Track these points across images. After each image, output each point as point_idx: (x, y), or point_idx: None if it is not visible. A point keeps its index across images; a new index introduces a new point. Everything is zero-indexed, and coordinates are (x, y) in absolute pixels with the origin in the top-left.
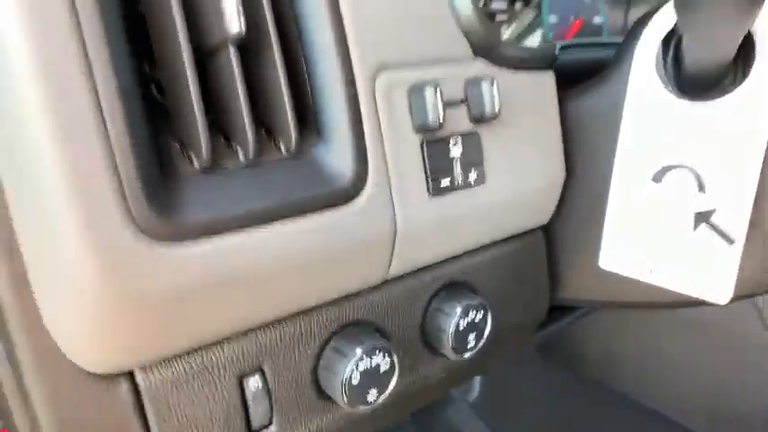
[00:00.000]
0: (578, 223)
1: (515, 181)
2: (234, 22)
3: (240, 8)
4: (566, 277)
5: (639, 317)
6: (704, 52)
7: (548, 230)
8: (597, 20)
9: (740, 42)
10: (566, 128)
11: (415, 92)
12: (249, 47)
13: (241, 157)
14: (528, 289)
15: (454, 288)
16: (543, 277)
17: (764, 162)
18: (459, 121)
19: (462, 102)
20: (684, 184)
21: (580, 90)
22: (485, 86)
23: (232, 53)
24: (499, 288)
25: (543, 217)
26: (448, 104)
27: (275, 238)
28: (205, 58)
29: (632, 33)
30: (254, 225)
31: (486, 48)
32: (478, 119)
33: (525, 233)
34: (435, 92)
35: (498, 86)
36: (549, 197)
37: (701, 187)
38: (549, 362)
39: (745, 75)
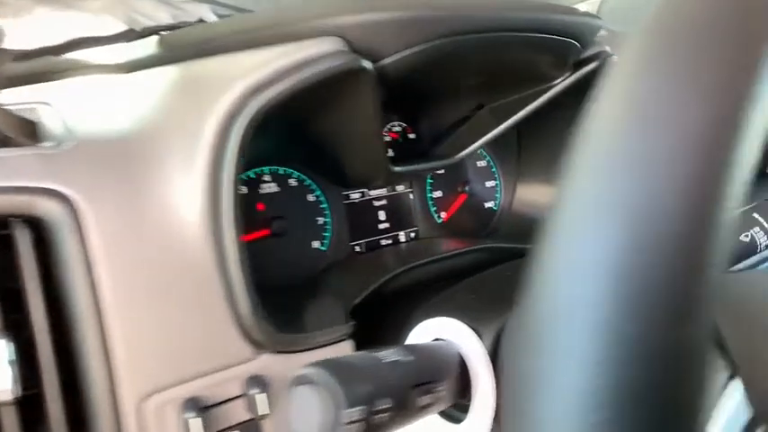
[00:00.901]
0: None
1: None
2: (9, 391)
3: (18, 377)
4: None
5: None
6: None
7: None
8: (490, 183)
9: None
10: None
11: (187, 412)
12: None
13: None
14: None
15: None
16: None
17: None
18: (238, 413)
19: (241, 396)
20: None
21: None
22: (256, 391)
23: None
24: None
25: None
26: (227, 401)
27: None
28: None
29: None
30: None
31: (267, 343)
32: (255, 413)
33: None
34: (198, 418)
35: (271, 397)
36: None
37: None
38: None
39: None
